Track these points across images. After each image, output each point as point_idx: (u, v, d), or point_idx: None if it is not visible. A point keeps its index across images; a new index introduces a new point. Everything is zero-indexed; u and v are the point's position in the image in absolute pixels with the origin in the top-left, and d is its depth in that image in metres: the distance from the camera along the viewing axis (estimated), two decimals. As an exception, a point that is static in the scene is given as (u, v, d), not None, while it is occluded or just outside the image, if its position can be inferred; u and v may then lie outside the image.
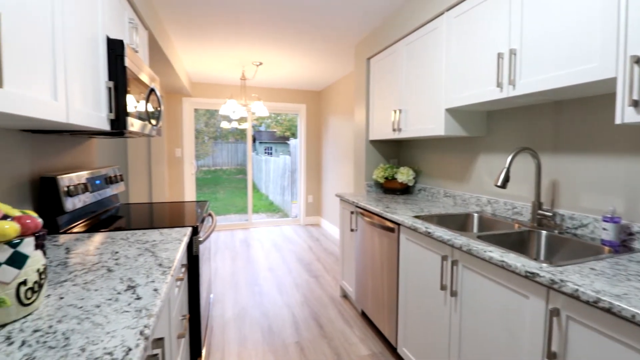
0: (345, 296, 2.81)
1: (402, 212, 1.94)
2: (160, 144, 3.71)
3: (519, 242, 1.53)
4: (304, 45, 3.19)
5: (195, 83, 4.87)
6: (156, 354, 0.74)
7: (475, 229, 1.91)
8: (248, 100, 5.15)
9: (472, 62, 1.67)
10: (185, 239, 1.33)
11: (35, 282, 0.73)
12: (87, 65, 1.18)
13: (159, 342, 0.79)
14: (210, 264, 2.37)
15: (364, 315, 2.48)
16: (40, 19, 0.89)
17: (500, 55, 1.48)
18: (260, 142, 15.51)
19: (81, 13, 1.15)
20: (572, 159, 1.52)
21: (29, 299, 0.72)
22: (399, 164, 3.00)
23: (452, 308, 1.42)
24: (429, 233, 1.52)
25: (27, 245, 0.72)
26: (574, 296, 0.90)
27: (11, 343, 0.62)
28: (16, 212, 0.75)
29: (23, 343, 0.62)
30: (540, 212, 1.58)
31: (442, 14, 1.91)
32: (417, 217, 1.82)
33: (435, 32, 1.97)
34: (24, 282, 0.71)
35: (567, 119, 1.54)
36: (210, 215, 2.00)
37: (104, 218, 1.71)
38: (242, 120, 5.56)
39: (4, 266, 0.68)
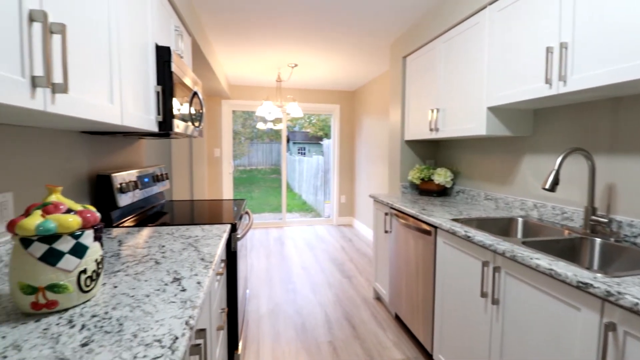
0: (378, 298, 2.78)
1: (439, 215, 1.88)
2: (201, 144, 3.89)
3: (569, 250, 1.43)
4: (338, 46, 3.19)
5: (233, 86, 5.05)
6: (199, 344, 0.77)
7: (519, 234, 1.81)
8: (283, 101, 5.25)
9: (518, 57, 1.58)
10: (225, 236, 1.39)
11: (94, 271, 0.80)
12: (139, 71, 1.26)
13: (201, 332, 0.83)
14: (246, 260, 2.44)
15: (397, 318, 2.44)
16: (98, 30, 0.96)
17: (549, 50, 1.38)
18: (294, 143, 15.73)
19: (134, 23, 1.23)
20: (632, 161, 1.39)
21: (88, 286, 0.78)
22: (435, 164, 2.91)
23: (494, 317, 1.36)
24: (469, 237, 1.46)
25: (87, 237, 0.79)
26: (634, 310, 0.82)
27: (73, 326, 0.68)
28: (78, 207, 0.82)
29: (83, 327, 0.68)
30: (593, 218, 1.46)
31: (484, 8, 1.82)
32: (455, 220, 1.76)
33: (476, 28, 1.89)
34: (84, 271, 0.77)
35: (627, 116, 1.41)
36: (247, 213, 2.07)
37: (151, 214, 1.82)
38: (277, 121, 5.68)
39: (68, 255, 0.75)
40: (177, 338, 0.64)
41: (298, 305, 2.65)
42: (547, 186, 1.41)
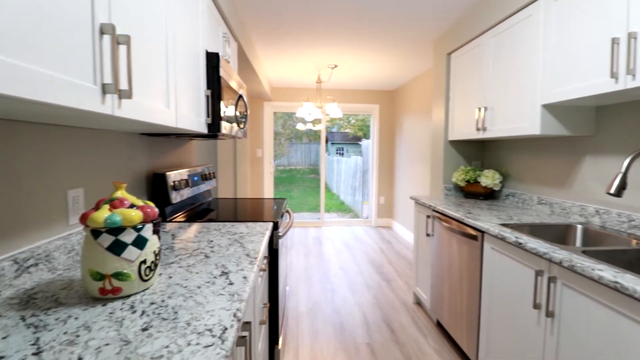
0: (418, 303, 2.70)
1: (486, 219, 1.79)
2: (245, 145, 4.04)
3: (637, 262, 1.29)
4: (379, 44, 3.15)
5: (274, 88, 5.19)
6: (244, 336, 0.81)
7: (578, 243, 1.66)
8: (323, 102, 5.29)
9: (577, 51, 1.46)
10: (267, 233, 1.43)
11: (152, 262, 0.86)
12: (191, 77, 1.35)
13: (246, 325, 0.87)
14: (286, 258, 2.50)
15: (439, 325, 2.36)
16: (157, 39, 1.04)
17: (615, 41, 1.26)
18: (332, 143, 15.78)
19: (187, 32, 1.32)
20: None
21: (147, 275, 0.85)
22: (482, 166, 2.77)
23: (548, 330, 1.26)
24: (520, 244, 1.37)
25: (147, 230, 0.85)
26: None
27: (134, 312, 0.75)
28: (139, 202, 0.89)
29: (143, 313, 0.74)
30: (669, 226, 1.31)
31: (540, -1, 1.71)
32: (504, 225, 1.66)
33: (529, 20, 1.77)
34: (144, 261, 0.84)
35: None
36: (287, 212, 2.12)
37: (200, 210, 1.93)
38: (316, 121, 5.73)
39: (130, 247, 0.82)
40: (226, 329, 0.67)
41: (336, 305, 2.66)
42: (612, 191, 1.29)
